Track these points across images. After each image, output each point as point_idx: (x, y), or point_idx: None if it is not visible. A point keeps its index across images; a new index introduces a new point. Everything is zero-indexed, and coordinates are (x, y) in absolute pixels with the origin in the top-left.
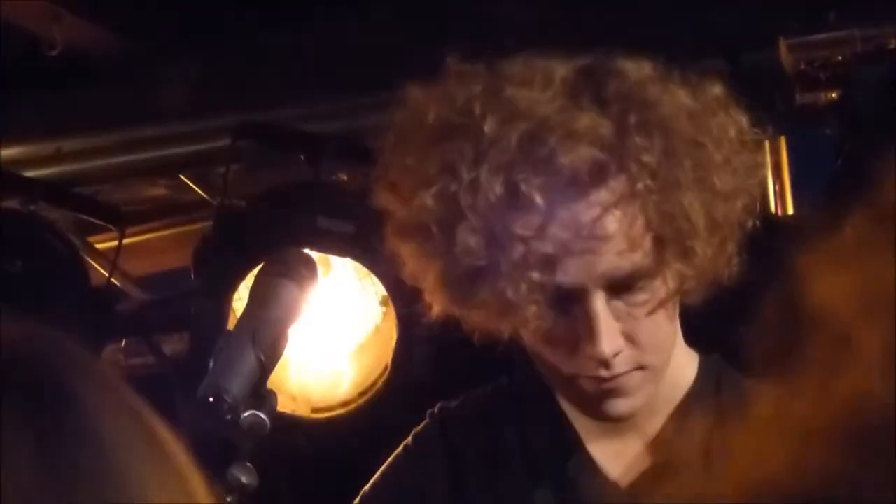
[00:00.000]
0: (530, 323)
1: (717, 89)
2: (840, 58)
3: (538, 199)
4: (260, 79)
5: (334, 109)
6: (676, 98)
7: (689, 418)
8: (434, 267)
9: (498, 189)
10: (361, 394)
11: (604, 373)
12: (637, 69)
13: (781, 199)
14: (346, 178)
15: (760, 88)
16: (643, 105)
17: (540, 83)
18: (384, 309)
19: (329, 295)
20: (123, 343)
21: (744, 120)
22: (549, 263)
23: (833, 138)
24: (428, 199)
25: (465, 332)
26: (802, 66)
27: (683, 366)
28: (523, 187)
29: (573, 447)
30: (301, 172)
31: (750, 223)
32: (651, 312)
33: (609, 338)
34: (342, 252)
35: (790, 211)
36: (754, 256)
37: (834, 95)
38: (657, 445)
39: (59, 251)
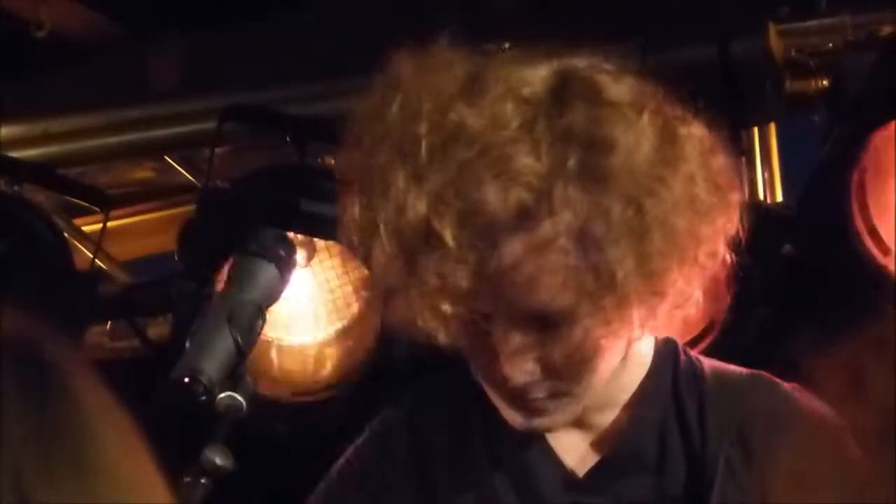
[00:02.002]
0: (442, 342)
1: (689, 130)
2: (830, 45)
3: (450, 239)
4: (246, 61)
5: (320, 93)
6: (635, 144)
7: (644, 407)
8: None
9: (420, 216)
10: (343, 378)
11: (519, 394)
12: (614, 95)
13: (770, 187)
14: (331, 161)
15: (750, 75)
16: (593, 148)
17: (497, 102)
18: (367, 293)
19: (312, 278)
20: (108, 326)
21: (710, 168)
22: (464, 296)
23: (823, 126)
24: (356, 209)
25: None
26: (793, 54)
27: (637, 361)
28: (437, 224)
29: (533, 436)
30: (286, 155)
31: (713, 264)
32: (570, 351)
33: (519, 368)
34: (326, 235)
35: (779, 199)
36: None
37: (824, 83)
38: (612, 435)
39: (44, 233)
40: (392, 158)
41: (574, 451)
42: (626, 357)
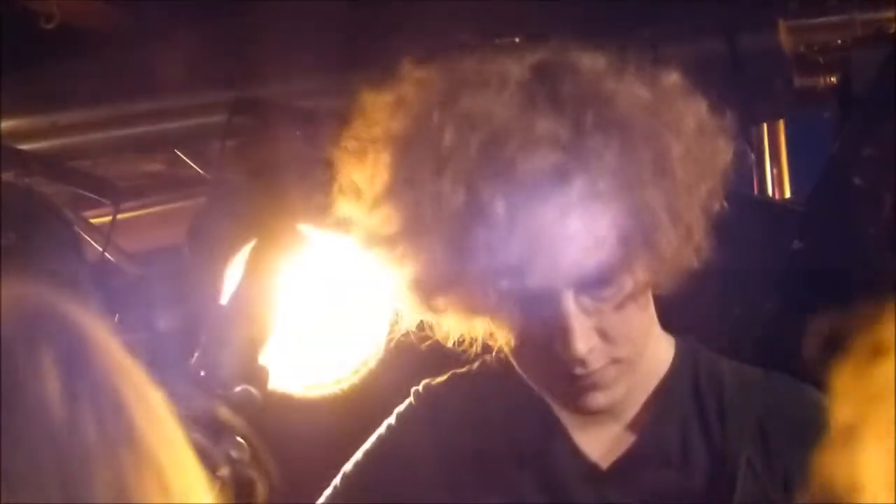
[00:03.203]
0: (501, 328)
1: (673, 78)
2: (839, 41)
3: (500, 209)
4: (257, 54)
5: (331, 86)
6: (632, 91)
7: (667, 402)
8: (401, 276)
9: (461, 199)
10: (354, 372)
11: (579, 370)
12: (591, 63)
13: (779, 183)
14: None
15: (759, 72)
16: (599, 102)
17: (496, 85)
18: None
19: (323, 272)
20: (117, 318)
21: (703, 107)
22: (516, 269)
23: (832, 122)
24: (392, 210)
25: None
26: (801, 50)
27: (660, 350)
28: (485, 197)
29: (555, 429)
30: (297, 149)
31: (717, 207)
32: (621, 306)
33: (582, 336)
34: (336, 229)
35: (787, 195)
36: (748, 240)
37: (833, 79)
38: (637, 429)
39: (54, 225)
40: (412, 157)
41: (598, 445)
42: (649, 349)
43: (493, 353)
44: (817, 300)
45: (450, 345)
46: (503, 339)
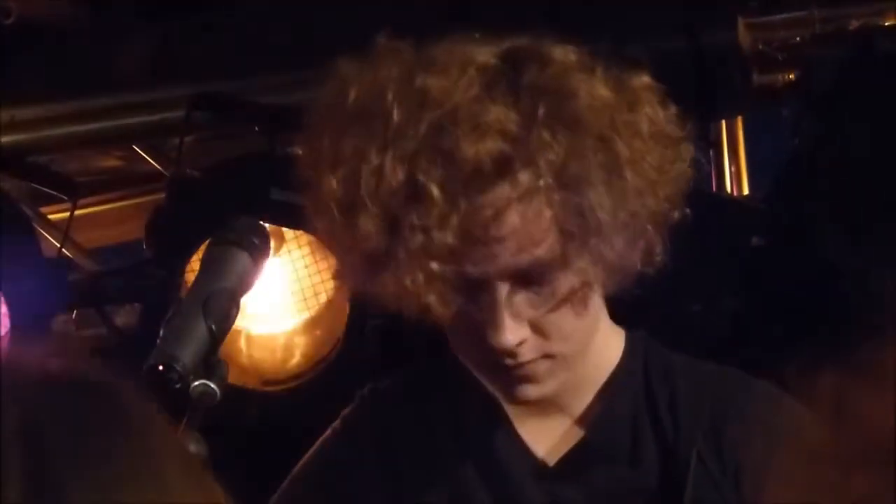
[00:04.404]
0: (432, 310)
1: (641, 80)
2: (798, 39)
3: (437, 192)
4: (216, 50)
5: (290, 81)
6: (594, 89)
7: (616, 397)
8: (339, 248)
9: (400, 178)
10: (312, 367)
11: (509, 361)
12: (560, 56)
13: (737, 180)
14: (300, 150)
15: (719, 68)
16: (556, 97)
17: (457, 69)
18: (337, 282)
19: (282, 268)
20: (74, 314)
21: (666, 113)
22: (451, 253)
23: (790, 119)
24: (333, 182)
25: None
26: (760, 47)
27: (609, 345)
28: (422, 179)
29: (501, 425)
30: (255, 144)
31: (675, 214)
32: (558, 303)
33: (511, 328)
34: (295, 224)
35: (746, 192)
36: (706, 236)
37: (792, 76)
38: (585, 424)
39: (11, 221)
40: (365, 128)
41: (544, 439)
42: (596, 342)
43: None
44: (776, 297)
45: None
46: (437, 320)
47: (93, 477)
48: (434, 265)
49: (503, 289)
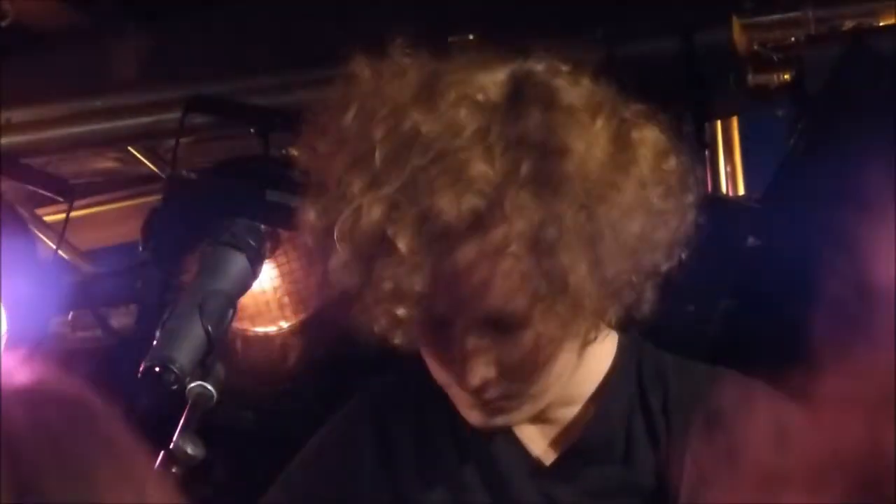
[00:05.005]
0: (398, 344)
1: (642, 134)
2: (793, 39)
3: (406, 248)
4: (211, 52)
5: (285, 83)
6: (589, 148)
7: (610, 399)
8: (316, 271)
9: (375, 222)
10: (307, 367)
11: (475, 395)
12: (567, 98)
13: (733, 180)
14: (295, 152)
15: (714, 68)
16: (546, 153)
17: (452, 108)
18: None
19: (277, 269)
20: (70, 316)
21: (665, 168)
22: (418, 300)
23: (786, 120)
24: (312, 214)
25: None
26: (756, 47)
27: (600, 355)
28: (392, 232)
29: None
30: (251, 146)
31: (666, 267)
32: (530, 350)
33: (475, 371)
34: (290, 226)
35: (741, 192)
36: (701, 237)
37: (787, 77)
38: (579, 425)
39: (7, 223)
40: (349, 165)
41: (541, 440)
42: (587, 354)
43: None
44: (772, 297)
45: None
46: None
47: (72, 486)
48: (401, 311)
49: (470, 332)
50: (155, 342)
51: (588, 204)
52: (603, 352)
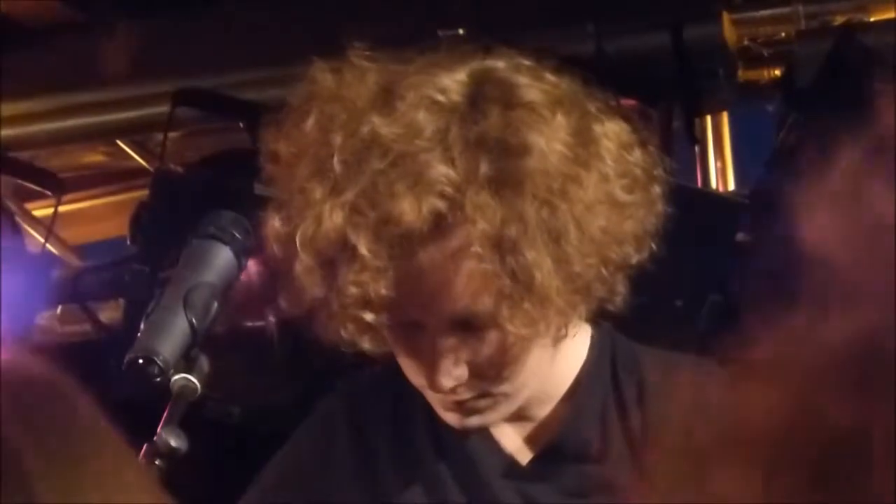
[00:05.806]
0: (367, 350)
1: (605, 128)
2: (783, 34)
3: (367, 253)
4: (199, 46)
5: (273, 77)
6: (550, 144)
7: (584, 395)
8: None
9: (336, 228)
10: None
11: (448, 396)
12: (527, 94)
13: (722, 175)
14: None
15: (704, 64)
16: (506, 152)
17: (412, 109)
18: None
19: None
20: (59, 310)
21: (630, 160)
22: (384, 304)
23: (775, 115)
24: (277, 221)
25: None
26: (745, 43)
27: (573, 351)
28: (353, 238)
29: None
30: (239, 140)
31: (636, 259)
32: (497, 350)
33: (446, 372)
34: None
35: (731, 187)
36: (689, 232)
37: (777, 72)
38: (554, 423)
39: None
40: (310, 172)
41: (516, 439)
42: (560, 350)
43: None
44: (760, 292)
45: None
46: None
47: (59, 479)
48: (368, 315)
49: (439, 333)
50: (139, 334)
51: (550, 200)
52: (576, 347)
